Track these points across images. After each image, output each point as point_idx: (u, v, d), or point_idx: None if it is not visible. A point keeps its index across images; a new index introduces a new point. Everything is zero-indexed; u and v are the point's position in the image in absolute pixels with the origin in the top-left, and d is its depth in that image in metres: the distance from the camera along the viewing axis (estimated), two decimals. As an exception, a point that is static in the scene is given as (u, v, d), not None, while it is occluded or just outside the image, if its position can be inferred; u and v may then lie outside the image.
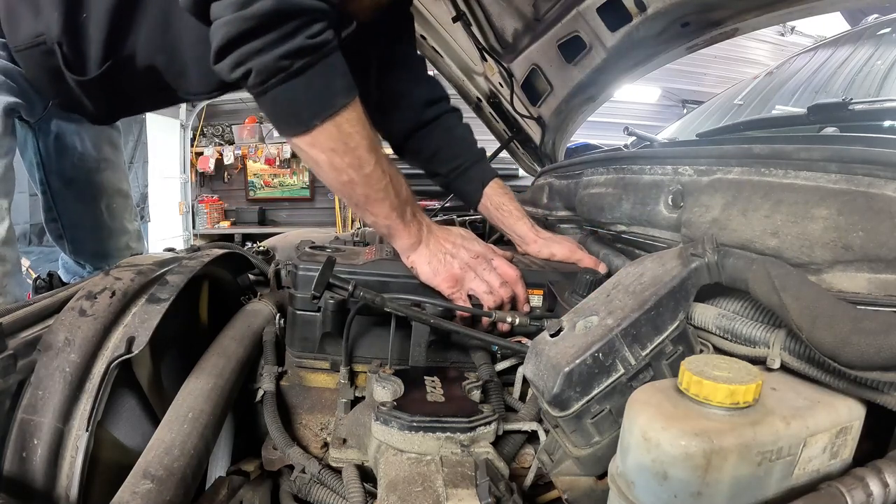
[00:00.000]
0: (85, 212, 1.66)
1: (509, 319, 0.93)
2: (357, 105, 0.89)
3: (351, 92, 0.89)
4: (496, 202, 1.30)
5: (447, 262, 0.98)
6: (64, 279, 1.38)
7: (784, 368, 0.59)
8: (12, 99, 1.23)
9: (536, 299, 1.02)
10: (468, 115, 2.34)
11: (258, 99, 0.88)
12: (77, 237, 1.68)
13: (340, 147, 0.89)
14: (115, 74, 1.22)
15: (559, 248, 1.18)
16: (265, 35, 0.82)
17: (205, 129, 7.02)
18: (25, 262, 3.75)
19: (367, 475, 0.78)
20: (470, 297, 0.98)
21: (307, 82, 0.85)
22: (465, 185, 1.33)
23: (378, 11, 1.19)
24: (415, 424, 0.71)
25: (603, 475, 0.66)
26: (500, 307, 0.98)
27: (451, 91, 2.17)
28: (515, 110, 2.05)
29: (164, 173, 6.44)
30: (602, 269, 1.08)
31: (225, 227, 6.99)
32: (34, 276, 1.39)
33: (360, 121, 0.90)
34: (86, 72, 1.20)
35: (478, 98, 2.12)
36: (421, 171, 1.43)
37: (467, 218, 2.10)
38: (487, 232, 1.96)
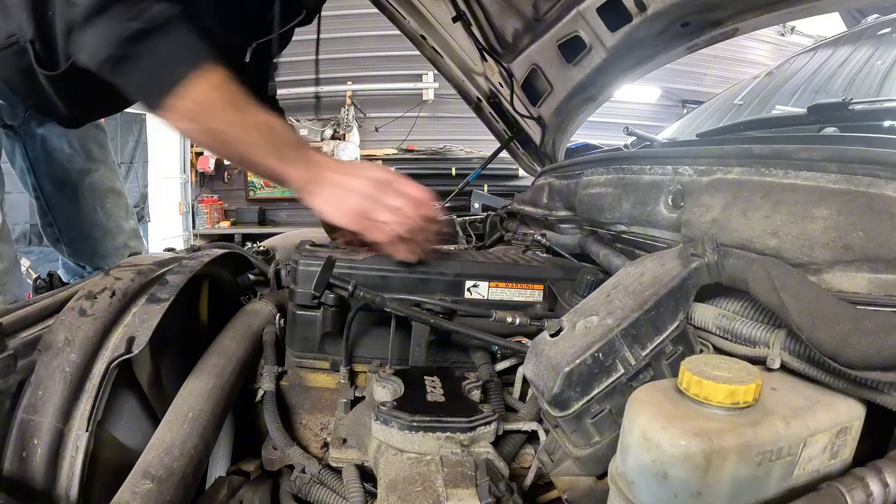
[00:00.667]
0: (79, 213, 1.65)
1: (509, 319, 0.93)
2: (208, 71, 0.89)
3: (193, 60, 0.89)
4: (389, 183, 1.28)
5: (346, 197, 0.93)
6: (64, 279, 1.38)
7: (784, 368, 0.59)
8: None
9: (537, 294, 1.02)
10: (468, 115, 2.36)
11: (108, 76, 0.90)
12: (74, 239, 1.68)
13: (199, 115, 0.91)
14: (82, 70, 1.22)
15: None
16: (88, 28, 0.87)
17: (205, 129, 7.01)
18: (25, 263, 3.75)
19: (367, 475, 0.78)
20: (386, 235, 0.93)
21: (141, 66, 0.88)
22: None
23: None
24: (415, 424, 0.71)
25: (603, 475, 0.66)
26: (413, 233, 0.92)
27: (451, 91, 2.18)
28: (515, 110, 2.04)
29: (164, 173, 6.44)
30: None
31: (225, 227, 6.98)
32: (34, 276, 1.39)
33: (211, 85, 0.90)
34: (56, 67, 1.21)
35: (478, 98, 2.12)
36: (429, 172, 1.42)
37: (467, 218, 2.10)
38: (487, 232, 1.96)
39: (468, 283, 1.00)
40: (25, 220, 4.06)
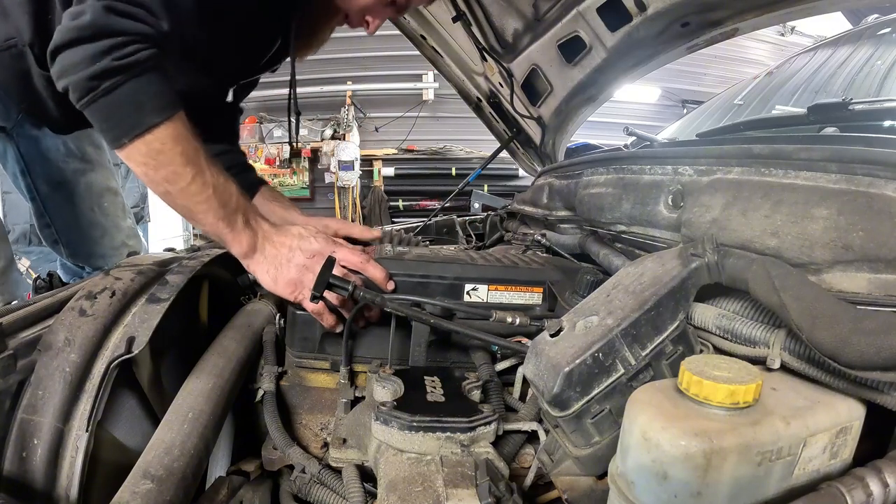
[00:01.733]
0: (77, 213, 1.65)
1: (509, 320, 0.93)
2: (173, 123, 0.91)
3: (164, 111, 0.91)
4: (270, 195, 1.34)
5: (284, 268, 0.97)
6: (63, 280, 1.38)
7: (784, 368, 0.59)
8: None
9: (536, 297, 1.02)
10: (468, 115, 2.36)
11: (85, 110, 0.91)
12: (72, 240, 1.68)
13: (152, 163, 0.91)
14: None
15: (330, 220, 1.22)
16: (77, 48, 0.87)
17: (205, 129, 7.01)
18: (25, 263, 3.75)
19: (367, 475, 0.78)
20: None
21: (116, 102, 0.89)
22: (242, 182, 1.29)
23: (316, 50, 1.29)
24: (415, 424, 0.71)
25: (603, 475, 0.66)
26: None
27: (451, 91, 2.18)
28: (515, 110, 2.04)
29: (164, 173, 6.43)
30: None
31: (225, 227, 6.97)
32: (34, 276, 1.38)
33: (173, 138, 0.91)
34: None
35: (478, 98, 2.12)
36: (428, 172, 1.47)
37: (467, 218, 2.10)
38: (487, 232, 1.96)
39: (467, 287, 1.00)
40: (25, 220, 4.05)
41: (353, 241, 1.13)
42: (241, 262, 1.01)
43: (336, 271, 0.94)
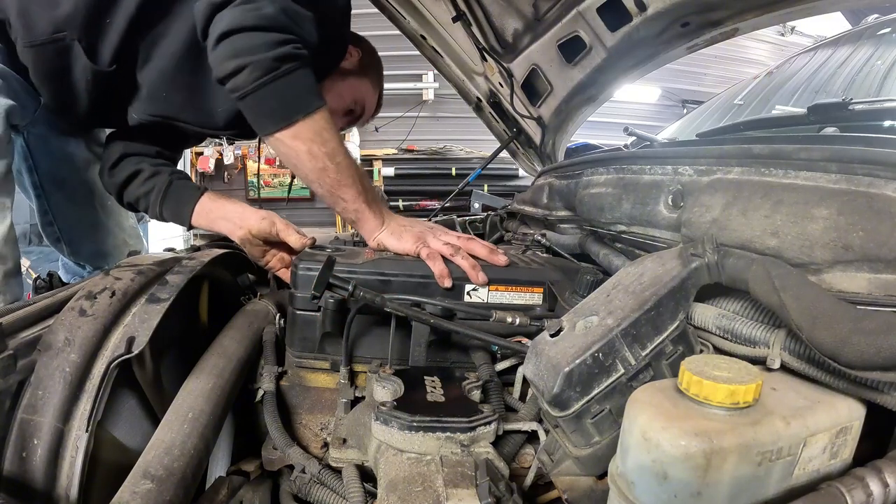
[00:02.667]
0: (80, 212, 1.65)
1: (509, 320, 0.93)
2: (326, 108, 1.06)
3: (322, 98, 1.06)
4: (216, 195, 1.34)
5: (408, 231, 1.12)
6: (64, 279, 1.38)
7: (784, 368, 0.59)
8: (10, 102, 1.24)
9: (536, 298, 1.02)
10: (468, 115, 2.36)
11: (246, 97, 1.01)
12: (74, 238, 1.68)
13: (318, 138, 1.04)
14: (118, 75, 1.25)
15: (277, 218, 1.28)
16: (262, 33, 0.99)
17: (205, 129, 7.01)
18: (25, 263, 3.75)
19: (367, 475, 0.78)
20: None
21: (293, 83, 1.02)
22: (188, 185, 1.37)
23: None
24: (415, 424, 0.71)
25: (603, 475, 0.66)
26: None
27: (451, 91, 2.18)
28: (515, 110, 2.04)
29: (164, 173, 6.43)
30: (501, 258, 1.10)
31: (225, 227, 6.97)
32: (34, 276, 1.38)
33: (330, 119, 1.07)
34: (99, 65, 1.24)
35: (478, 98, 2.12)
36: (429, 172, 1.53)
37: (467, 218, 2.10)
38: (487, 232, 1.96)
39: (468, 287, 1.00)
40: (26, 220, 4.05)
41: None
42: (367, 235, 1.15)
43: (446, 238, 1.08)
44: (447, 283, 0.99)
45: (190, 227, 1.35)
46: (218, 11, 1.02)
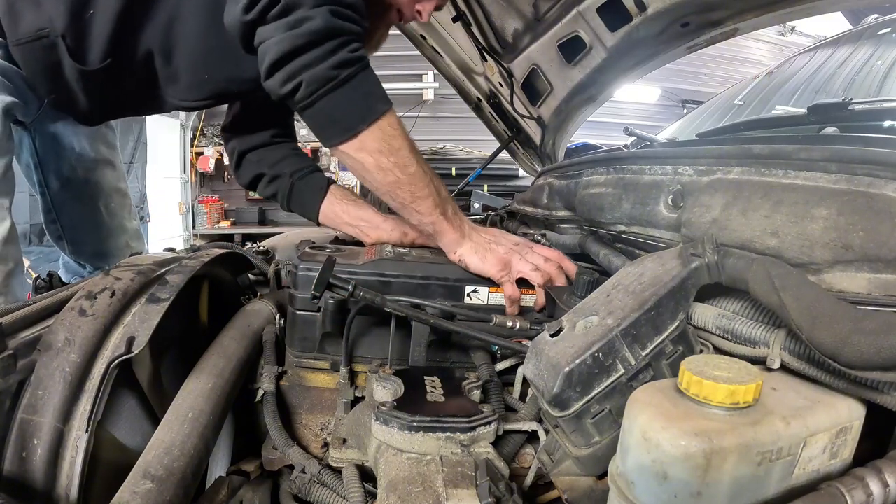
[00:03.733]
0: (84, 211, 1.65)
1: (510, 324, 0.93)
2: (394, 112, 0.98)
3: (388, 100, 0.98)
4: (340, 194, 1.34)
5: (493, 251, 1.02)
6: (64, 279, 1.38)
7: (784, 368, 0.59)
8: (10, 98, 1.24)
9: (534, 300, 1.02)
10: (468, 115, 2.35)
11: (305, 112, 0.96)
12: (77, 237, 1.68)
13: (386, 148, 0.96)
14: (115, 70, 1.23)
15: (411, 229, 1.20)
16: (315, 50, 0.92)
17: (205, 129, 7.02)
18: (25, 262, 3.75)
19: (367, 475, 0.78)
20: (519, 283, 1.01)
21: (352, 91, 0.94)
22: (310, 183, 1.37)
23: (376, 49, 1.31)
24: (415, 424, 0.71)
25: (603, 475, 0.66)
26: (549, 282, 1.02)
27: (451, 91, 2.18)
28: (515, 110, 2.04)
29: (164, 173, 6.44)
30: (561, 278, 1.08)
31: (225, 227, 6.98)
32: (34, 276, 1.39)
33: (400, 125, 0.99)
34: (87, 63, 1.22)
35: (478, 98, 2.12)
36: None
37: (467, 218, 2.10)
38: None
39: (468, 289, 1.00)
40: (26, 220, 4.06)
41: None
42: (446, 249, 1.05)
43: (533, 259, 1.02)
44: (514, 312, 0.99)
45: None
46: (256, 26, 0.94)
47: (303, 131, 6.41)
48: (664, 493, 0.48)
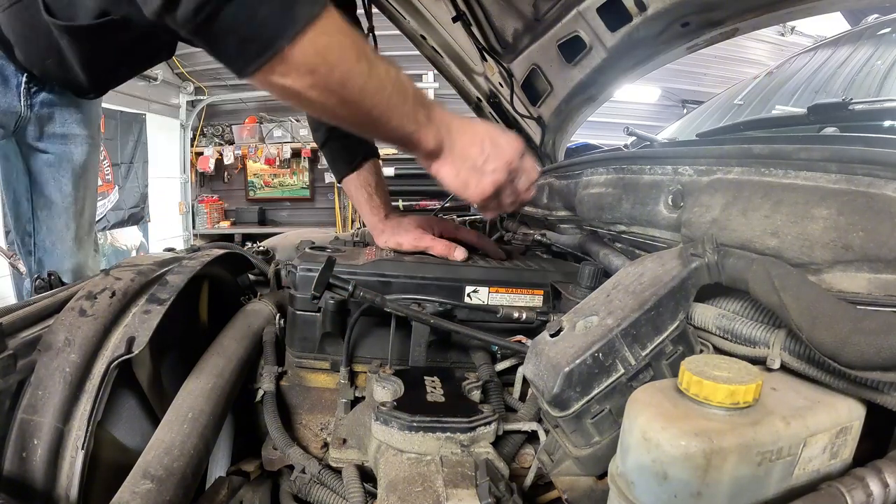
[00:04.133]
0: (58, 237, 1.61)
1: (515, 315, 0.93)
2: (330, 11, 0.71)
3: (315, 1, 0.70)
4: (364, 178, 1.27)
5: (478, 180, 0.88)
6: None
7: (784, 368, 0.59)
8: None
9: (537, 300, 1.02)
10: (468, 115, 2.35)
11: (201, 32, 0.67)
12: (45, 259, 1.63)
13: (322, 65, 0.72)
14: (104, 26, 1.15)
15: (405, 237, 1.13)
16: None
17: (205, 129, 7.02)
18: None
19: (367, 475, 0.78)
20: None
21: (248, 8, 0.66)
22: (348, 147, 1.30)
23: None
24: (415, 424, 0.71)
25: (603, 475, 0.66)
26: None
27: (451, 91, 2.18)
28: (515, 110, 2.04)
29: (164, 173, 6.44)
30: (458, 254, 1.06)
31: (225, 227, 6.98)
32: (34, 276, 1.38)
33: (338, 28, 0.73)
34: (74, 19, 1.14)
35: (478, 98, 2.12)
36: (424, 172, 1.47)
37: (467, 218, 2.10)
38: (487, 232, 1.96)
39: (468, 289, 1.00)
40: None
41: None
42: (422, 162, 0.90)
43: (517, 189, 0.92)
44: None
45: None
46: None
47: (302, 131, 6.42)
48: (664, 493, 0.48)
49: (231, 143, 6.94)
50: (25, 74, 1.33)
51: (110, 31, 1.14)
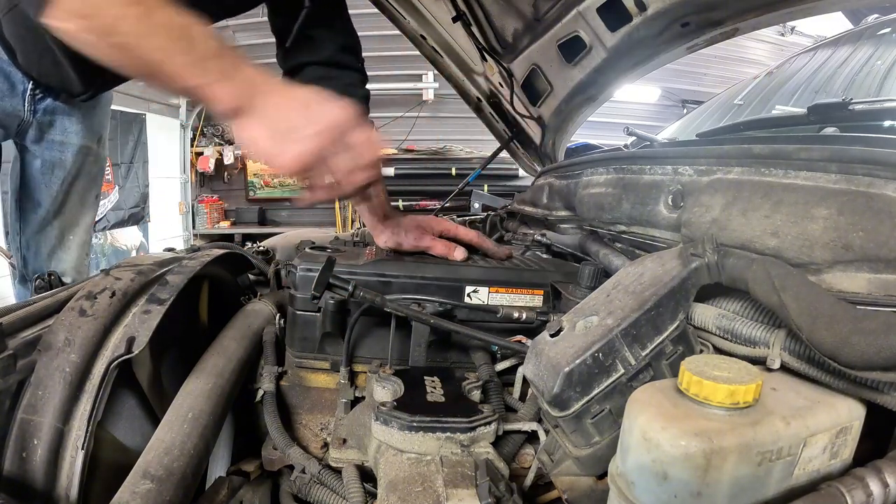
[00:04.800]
0: (44, 240, 1.64)
1: (516, 315, 0.93)
2: None
3: None
4: (351, 121, 1.23)
5: (294, 145, 0.77)
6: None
7: (784, 368, 0.59)
8: None
9: (537, 300, 1.02)
10: (468, 115, 2.35)
11: None
12: (29, 260, 1.66)
13: (87, 9, 0.72)
14: None
15: (405, 237, 1.13)
16: None
17: (205, 129, 7.02)
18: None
19: (367, 475, 0.78)
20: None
21: None
22: None
23: None
24: (415, 424, 0.71)
25: (603, 475, 0.66)
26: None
27: (451, 91, 2.18)
28: (515, 110, 2.05)
29: (164, 173, 6.45)
30: (458, 254, 1.05)
31: (225, 227, 6.99)
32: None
33: None
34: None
35: (478, 98, 2.12)
36: (429, 172, 1.47)
37: (467, 218, 2.10)
38: (487, 232, 1.96)
39: (468, 289, 1.00)
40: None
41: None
42: (228, 124, 0.81)
43: (341, 164, 0.79)
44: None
45: None
46: None
47: None
48: (664, 493, 0.48)
49: (231, 142, 6.95)
50: (31, 82, 1.36)
51: None
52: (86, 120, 1.55)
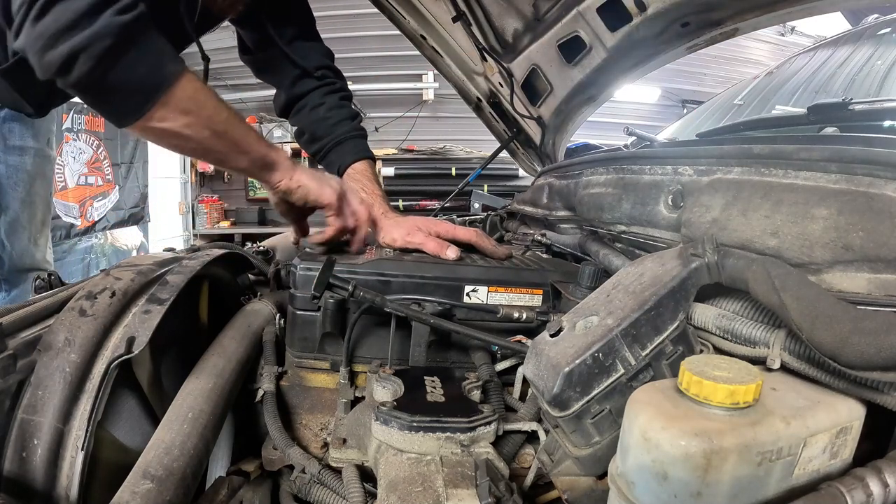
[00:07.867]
0: (16, 237, 1.67)
1: (516, 315, 0.93)
2: (189, 70, 0.91)
3: (179, 59, 0.91)
4: (349, 187, 1.28)
5: (327, 187, 1.11)
6: None
7: (784, 368, 0.59)
8: None
9: (536, 300, 1.02)
10: (468, 115, 2.36)
11: (90, 91, 0.84)
12: (4, 260, 1.68)
13: (194, 107, 0.92)
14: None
15: (397, 232, 1.19)
16: (69, 4, 0.77)
17: (205, 129, 7.01)
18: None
19: (367, 475, 0.78)
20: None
21: (139, 57, 0.83)
22: (327, 169, 1.41)
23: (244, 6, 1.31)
24: (415, 424, 0.71)
25: (603, 475, 0.66)
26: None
27: (451, 91, 2.18)
28: (515, 110, 2.04)
29: (164, 173, 6.44)
30: (450, 253, 1.07)
31: (225, 227, 6.98)
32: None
33: (198, 79, 0.94)
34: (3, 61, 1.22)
35: (478, 98, 2.12)
36: (429, 172, 1.53)
37: (467, 218, 2.10)
38: (487, 232, 1.96)
39: (467, 288, 1.00)
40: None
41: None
42: (283, 175, 1.09)
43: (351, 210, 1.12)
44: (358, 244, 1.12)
45: None
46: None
47: (276, 132, 6.41)
48: (664, 493, 0.48)
49: (231, 143, 6.93)
50: None
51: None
52: (37, 124, 1.63)
